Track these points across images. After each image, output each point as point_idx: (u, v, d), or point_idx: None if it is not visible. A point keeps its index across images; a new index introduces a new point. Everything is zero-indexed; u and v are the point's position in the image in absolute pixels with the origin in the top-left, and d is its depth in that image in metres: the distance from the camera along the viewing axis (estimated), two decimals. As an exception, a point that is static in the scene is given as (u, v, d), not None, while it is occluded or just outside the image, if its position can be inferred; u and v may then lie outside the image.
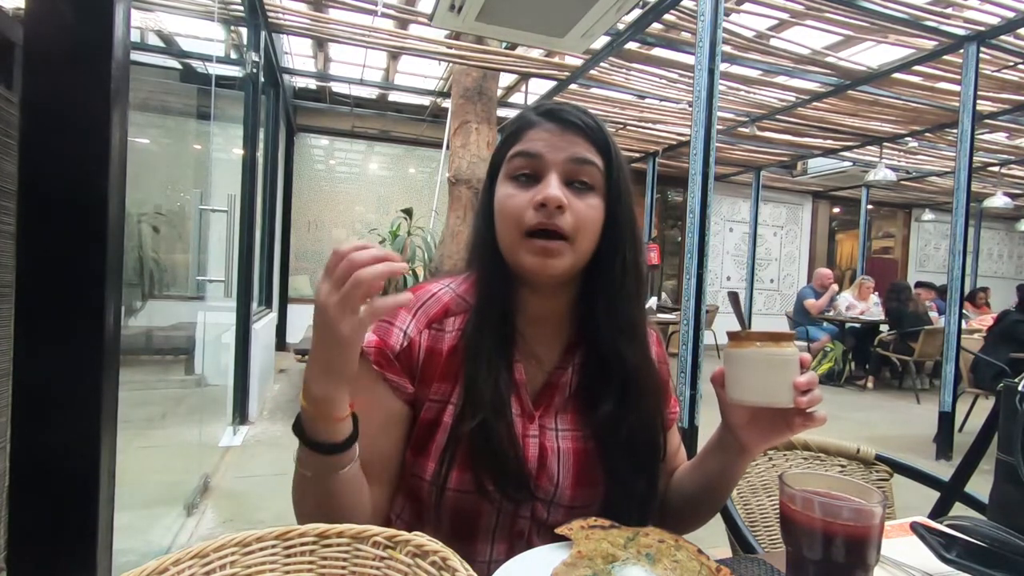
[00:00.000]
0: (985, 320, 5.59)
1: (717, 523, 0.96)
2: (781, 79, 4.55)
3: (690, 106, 4.15)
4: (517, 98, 5.60)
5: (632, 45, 3.99)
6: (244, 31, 3.68)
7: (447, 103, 5.06)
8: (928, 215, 9.30)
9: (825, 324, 6.32)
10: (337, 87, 6.29)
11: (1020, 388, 0.70)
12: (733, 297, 0.71)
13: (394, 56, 5.24)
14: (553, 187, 0.65)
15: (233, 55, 3.92)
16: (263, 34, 3.65)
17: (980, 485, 0.89)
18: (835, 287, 6.43)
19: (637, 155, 7.26)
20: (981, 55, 3.66)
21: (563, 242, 0.65)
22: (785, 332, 0.63)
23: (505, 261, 0.69)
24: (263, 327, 4.05)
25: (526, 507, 0.69)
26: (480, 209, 0.74)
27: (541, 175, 0.67)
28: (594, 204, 0.67)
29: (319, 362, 0.56)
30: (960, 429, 3.84)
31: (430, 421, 0.69)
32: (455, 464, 0.66)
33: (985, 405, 3.92)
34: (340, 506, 0.61)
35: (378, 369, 0.68)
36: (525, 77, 4.79)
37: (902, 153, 6.60)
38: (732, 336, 0.64)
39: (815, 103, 4.94)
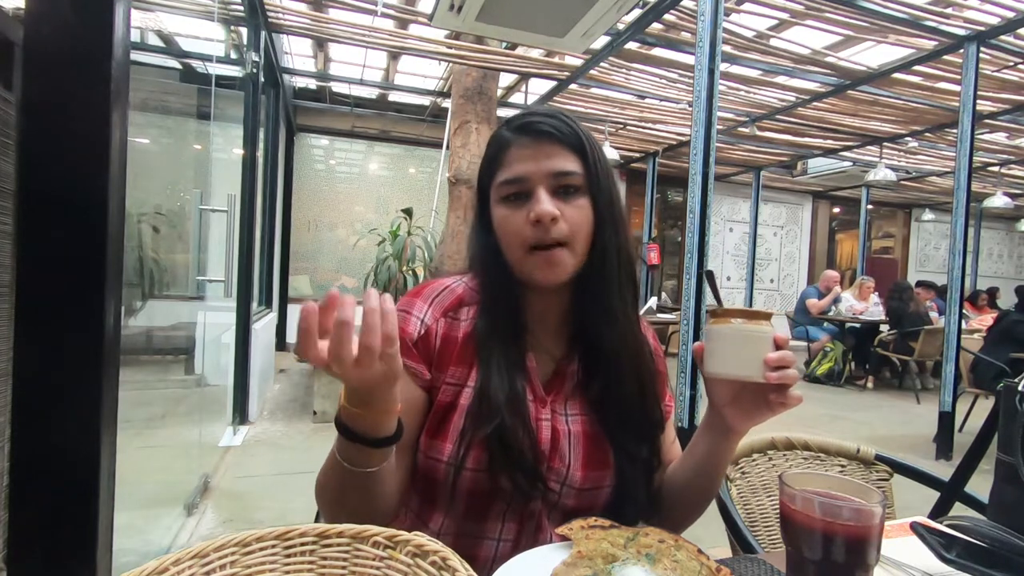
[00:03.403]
0: (985, 320, 5.59)
1: (717, 523, 0.96)
2: (781, 79, 4.55)
3: (690, 106, 4.15)
4: (517, 98, 5.59)
5: (632, 45, 3.99)
6: (244, 31, 3.68)
7: (447, 103, 5.06)
8: (928, 215, 9.30)
9: (825, 324, 6.32)
10: (337, 87, 6.28)
11: (1020, 388, 0.70)
12: (709, 275, 0.73)
13: (394, 56, 5.24)
14: (544, 203, 0.68)
15: (233, 55, 3.91)
16: (263, 34, 3.65)
17: (980, 485, 0.89)
18: (838, 289, 6.43)
19: (637, 155, 7.26)
20: (981, 55, 3.66)
21: (563, 248, 0.70)
22: (762, 311, 0.65)
23: (508, 268, 0.74)
24: (263, 327, 4.05)
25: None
26: (475, 223, 0.78)
27: (530, 192, 0.70)
28: (582, 204, 0.71)
29: (362, 405, 0.57)
30: (960, 429, 3.84)
31: (447, 404, 0.72)
32: (473, 444, 0.69)
33: (985, 405, 3.91)
34: (380, 493, 0.64)
35: None
36: (525, 77, 4.79)
37: (902, 153, 6.60)
38: (711, 312, 0.66)
39: (815, 103, 4.94)
